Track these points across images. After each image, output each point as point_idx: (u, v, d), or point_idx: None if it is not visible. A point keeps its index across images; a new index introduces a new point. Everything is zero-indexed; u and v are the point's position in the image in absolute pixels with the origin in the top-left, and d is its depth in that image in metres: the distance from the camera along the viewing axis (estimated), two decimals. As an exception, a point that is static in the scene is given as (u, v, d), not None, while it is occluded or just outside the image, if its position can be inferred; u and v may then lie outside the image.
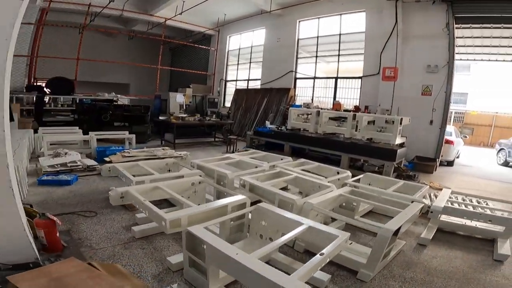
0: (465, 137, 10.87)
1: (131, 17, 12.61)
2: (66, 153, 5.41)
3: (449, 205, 3.41)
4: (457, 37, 9.46)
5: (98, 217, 3.36)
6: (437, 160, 7.42)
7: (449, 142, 8.08)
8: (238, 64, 14.00)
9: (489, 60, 12.93)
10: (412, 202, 3.10)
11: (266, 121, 9.17)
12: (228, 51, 14.25)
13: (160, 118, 9.08)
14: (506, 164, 9.81)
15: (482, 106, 18.41)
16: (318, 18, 10.48)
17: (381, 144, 6.24)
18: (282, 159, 5.17)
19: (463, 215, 3.22)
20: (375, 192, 3.38)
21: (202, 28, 13.69)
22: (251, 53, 13.19)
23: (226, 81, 14.51)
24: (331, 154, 6.93)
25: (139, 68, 14.09)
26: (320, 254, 1.86)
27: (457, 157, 10.03)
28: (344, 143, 6.56)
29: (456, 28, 7.77)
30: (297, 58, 11.33)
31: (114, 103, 9.87)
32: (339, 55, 10.14)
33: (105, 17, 12.13)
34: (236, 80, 14.08)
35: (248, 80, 13.46)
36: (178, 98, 10.64)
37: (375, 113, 7.90)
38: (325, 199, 2.98)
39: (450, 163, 8.54)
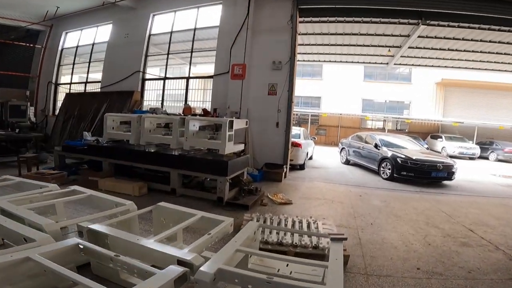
0: (314, 138, 11.30)
1: None
2: None
3: (228, 267, 1.78)
4: (302, 34, 9.58)
5: None
6: (286, 166, 6.83)
7: (297, 145, 7.73)
8: (73, 64, 11.22)
9: (330, 61, 14.19)
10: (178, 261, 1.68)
11: (85, 132, 6.69)
12: (62, 50, 11.39)
13: None
14: (347, 162, 10.37)
15: (331, 108, 20.93)
16: (175, 11, 9.05)
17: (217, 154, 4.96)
18: (41, 187, 3.19)
19: (248, 284, 1.69)
20: (120, 247, 1.81)
21: (24, 23, 10.38)
22: (91, 52, 10.66)
23: (57, 84, 11.48)
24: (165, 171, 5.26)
25: None
26: None
27: (310, 159, 10.16)
28: (172, 156, 5.01)
29: (300, 22, 7.52)
30: (146, 56, 9.52)
31: None
32: (192, 51, 8.88)
33: None
34: (71, 83, 11.30)
35: (86, 82, 10.90)
36: None
37: (224, 116, 6.83)
38: None
39: (301, 167, 8.27)
